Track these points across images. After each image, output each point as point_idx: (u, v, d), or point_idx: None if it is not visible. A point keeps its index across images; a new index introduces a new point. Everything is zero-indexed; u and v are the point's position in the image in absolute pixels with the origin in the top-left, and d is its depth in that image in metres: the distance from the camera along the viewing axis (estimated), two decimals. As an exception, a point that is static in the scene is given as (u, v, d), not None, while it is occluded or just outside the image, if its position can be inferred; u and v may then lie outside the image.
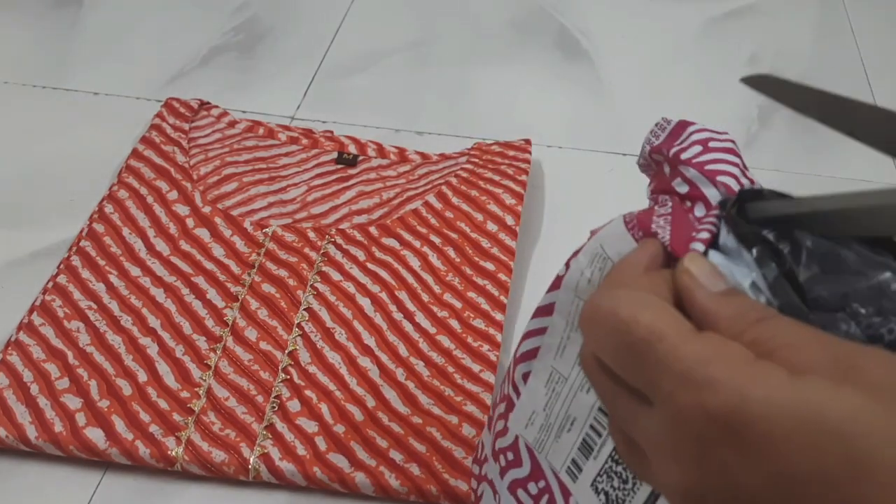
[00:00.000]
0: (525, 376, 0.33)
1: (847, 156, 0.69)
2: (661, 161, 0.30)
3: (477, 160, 0.64)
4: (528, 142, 0.66)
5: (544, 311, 0.32)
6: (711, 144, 0.28)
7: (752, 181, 0.27)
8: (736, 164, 0.27)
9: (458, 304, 0.55)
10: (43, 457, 0.48)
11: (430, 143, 0.69)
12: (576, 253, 0.31)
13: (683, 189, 0.27)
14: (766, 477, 0.18)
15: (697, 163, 0.27)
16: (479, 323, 0.54)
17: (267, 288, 0.55)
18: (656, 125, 0.31)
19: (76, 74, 0.74)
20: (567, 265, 0.31)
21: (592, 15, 0.84)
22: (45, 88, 0.73)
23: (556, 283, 0.32)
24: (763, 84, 0.28)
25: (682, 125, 0.29)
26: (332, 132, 0.67)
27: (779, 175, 0.68)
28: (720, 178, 0.27)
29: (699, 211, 0.27)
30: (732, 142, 0.28)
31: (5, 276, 0.57)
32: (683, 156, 0.28)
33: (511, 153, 0.65)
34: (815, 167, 0.69)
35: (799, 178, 0.68)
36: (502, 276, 0.56)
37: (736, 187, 0.26)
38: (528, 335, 0.34)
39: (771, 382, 0.19)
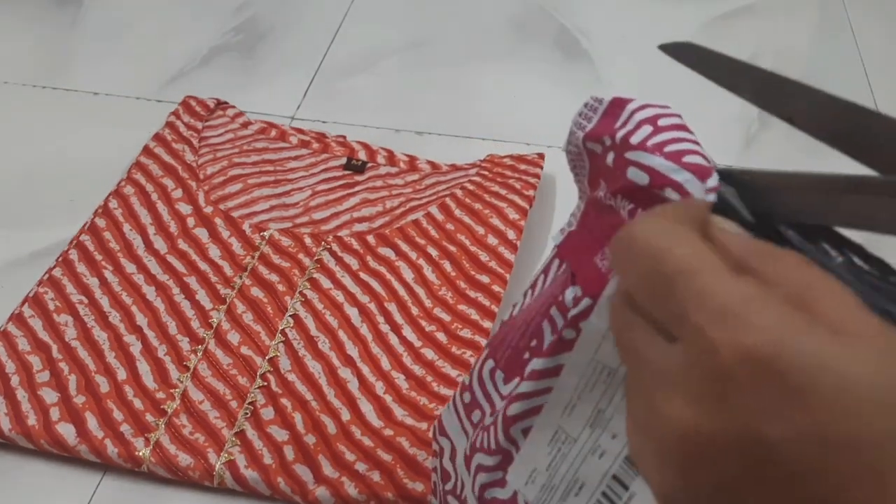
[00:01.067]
0: (525, 431, 0.31)
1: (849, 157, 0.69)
2: (598, 150, 0.26)
3: (487, 172, 0.62)
4: (541, 156, 0.64)
5: (548, 373, 0.30)
6: (661, 122, 0.24)
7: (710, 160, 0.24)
8: (695, 141, 0.24)
9: (447, 318, 0.53)
10: (43, 456, 0.48)
11: (429, 143, 0.68)
12: (585, 314, 0.28)
13: (643, 179, 0.24)
14: (796, 429, 0.17)
15: (654, 145, 0.24)
16: (466, 333, 0.52)
17: (255, 292, 0.54)
18: (585, 106, 0.28)
19: (76, 74, 0.74)
20: (576, 328, 0.28)
21: (592, 15, 0.83)
22: (45, 88, 0.73)
23: (561, 346, 0.29)
24: (684, 54, 0.24)
25: (618, 104, 0.26)
26: (344, 137, 0.66)
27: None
28: (686, 159, 0.23)
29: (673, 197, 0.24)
30: (679, 115, 0.25)
31: (5, 276, 0.57)
32: (633, 139, 0.24)
33: (522, 167, 0.63)
34: (815, 168, 0.69)
35: (799, 178, 0.68)
36: (496, 288, 0.55)
37: (705, 164, 0.23)
38: (521, 397, 0.31)
39: (820, 336, 0.18)
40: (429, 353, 0.51)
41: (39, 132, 0.69)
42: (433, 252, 0.57)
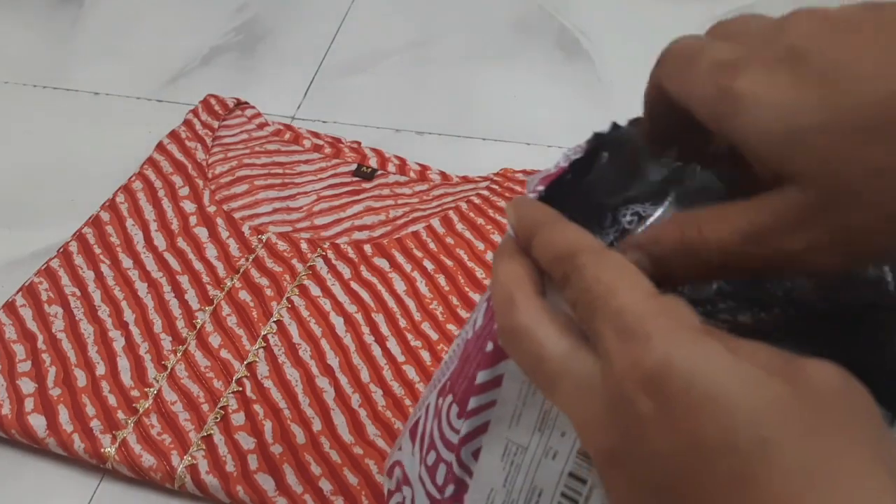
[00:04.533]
0: (475, 453, 0.31)
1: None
2: None
3: (497, 187, 0.61)
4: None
5: (489, 385, 0.30)
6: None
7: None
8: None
9: (434, 336, 0.52)
10: (43, 456, 0.48)
11: (429, 143, 0.68)
12: None
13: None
14: (675, 439, 0.18)
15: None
16: None
17: (243, 295, 0.54)
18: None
19: (77, 74, 0.74)
20: None
21: (592, 15, 0.83)
22: (45, 88, 0.73)
23: (502, 353, 0.29)
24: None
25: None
26: (359, 143, 0.66)
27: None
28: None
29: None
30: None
31: (5, 276, 0.57)
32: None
33: (533, 183, 0.62)
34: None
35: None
36: (488, 311, 0.54)
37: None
38: (469, 414, 0.31)
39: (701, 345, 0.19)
40: (410, 372, 0.50)
41: (39, 132, 0.69)
42: (429, 265, 0.56)
